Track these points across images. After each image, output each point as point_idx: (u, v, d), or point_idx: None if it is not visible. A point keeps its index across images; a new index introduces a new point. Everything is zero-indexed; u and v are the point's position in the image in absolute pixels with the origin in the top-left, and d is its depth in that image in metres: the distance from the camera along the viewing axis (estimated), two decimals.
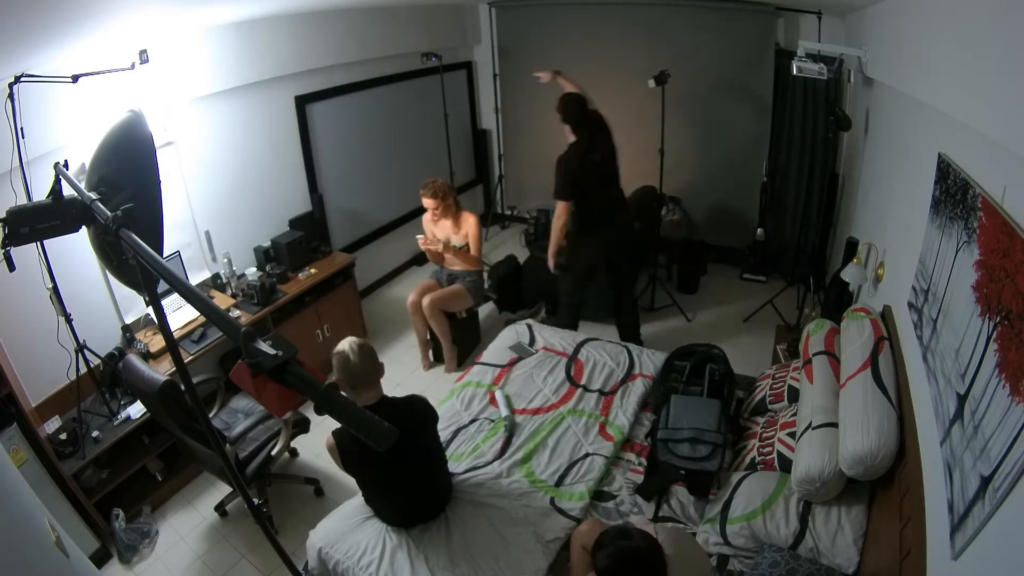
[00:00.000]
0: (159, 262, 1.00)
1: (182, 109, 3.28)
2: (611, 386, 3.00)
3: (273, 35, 3.63)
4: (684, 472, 2.35)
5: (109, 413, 2.78)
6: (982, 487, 1.17)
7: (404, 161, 4.99)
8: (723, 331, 4.17)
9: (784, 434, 2.34)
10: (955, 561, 1.24)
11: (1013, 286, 1.18)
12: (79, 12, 1.89)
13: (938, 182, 1.83)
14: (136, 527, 2.78)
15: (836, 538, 1.90)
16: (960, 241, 1.56)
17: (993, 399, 1.19)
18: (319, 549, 2.21)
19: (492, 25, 5.33)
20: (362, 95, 4.48)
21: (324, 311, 3.84)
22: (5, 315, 2.55)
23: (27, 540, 1.37)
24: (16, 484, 1.62)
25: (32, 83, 2.30)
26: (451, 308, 3.81)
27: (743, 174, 4.71)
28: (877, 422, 1.86)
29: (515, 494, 2.39)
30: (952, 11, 1.67)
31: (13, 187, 2.41)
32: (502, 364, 3.21)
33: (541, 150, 5.56)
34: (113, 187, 1.27)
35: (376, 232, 4.90)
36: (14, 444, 2.35)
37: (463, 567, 2.08)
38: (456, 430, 2.79)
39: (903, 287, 2.14)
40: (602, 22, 4.79)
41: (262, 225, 3.88)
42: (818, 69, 3.15)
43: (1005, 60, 1.25)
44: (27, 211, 1.23)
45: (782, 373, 2.77)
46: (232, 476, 1.21)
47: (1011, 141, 1.21)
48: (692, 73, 4.48)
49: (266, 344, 0.88)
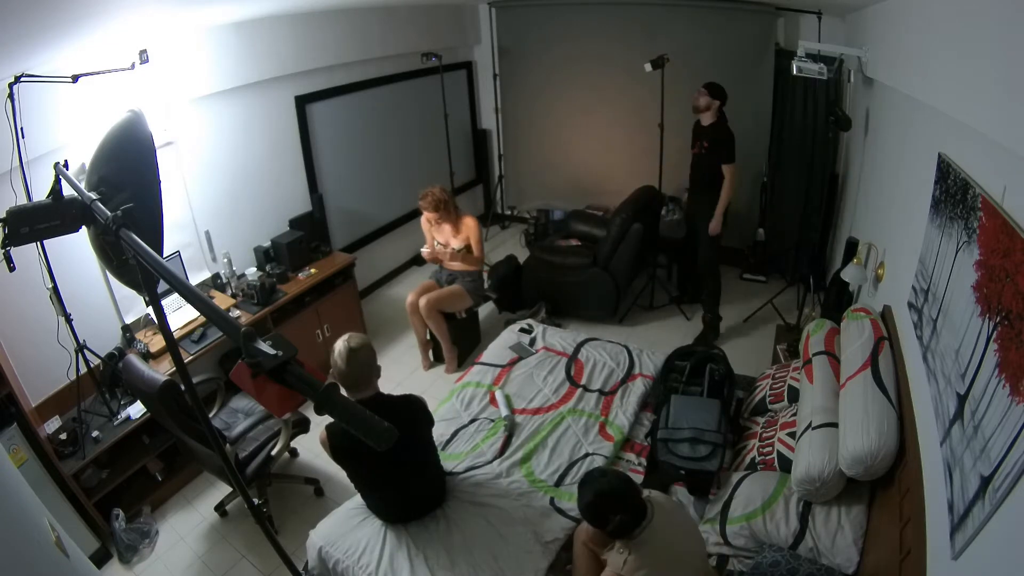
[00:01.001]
0: (159, 262, 1.00)
1: (182, 109, 3.28)
2: (611, 386, 3.00)
3: (273, 35, 3.63)
4: (684, 472, 2.36)
5: (109, 413, 2.78)
6: (982, 487, 1.17)
7: (404, 161, 4.99)
8: (723, 331, 4.17)
9: (784, 434, 2.34)
10: (955, 561, 1.24)
11: (1013, 286, 1.18)
12: (79, 12, 1.89)
13: (938, 182, 1.83)
14: (136, 527, 2.78)
15: (836, 538, 1.91)
16: (960, 241, 1.56)
17: (993, 399, 1.19)
18: (319, 548, 2.21)
19: (492, 25, 5.33)
20: (362, 95, 4.47)
21: (324, 311, 3.84)
22: (5, 315, 2.55)
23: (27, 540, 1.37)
24: (16, 484, 1.62)
25: (32, 83, 2.30)
26: (450, 309, 3.81)
27: (743, 174, 4.70)
28: (877, 422, 1.86)
29: (515, 494, 2.39)
30: (952, 11, 1.68)
31: (13, 187, 2.41)
32: (502, 364, 3.21)
33: (541, 150, 5.59)
34: (113, 187, 1.27)
35: (376, 232, 4.90)
36: (14, 444, 2.35)
37: (463, 567, 2.08)
38: (456, 430, 2.79)
39: (903, 287, 2.14)
40: (602, 22, 4.80)
41: (262, 225, 3.88)
42: (818, 69, 3.16)
43: (1005, 60, 1.25)
44: (27, 211, 1.23)
45: (782, 373, 2.77)
46: (232, 476, 1.21)
47: (1011, 141, 1.21)
48: (692, 73, 4.47)
49: (266, 344, 0.88)
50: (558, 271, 4.26)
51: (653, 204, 4.40)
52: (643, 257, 4.46)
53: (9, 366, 2.43)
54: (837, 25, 3.88)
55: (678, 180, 4.83)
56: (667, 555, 1.70)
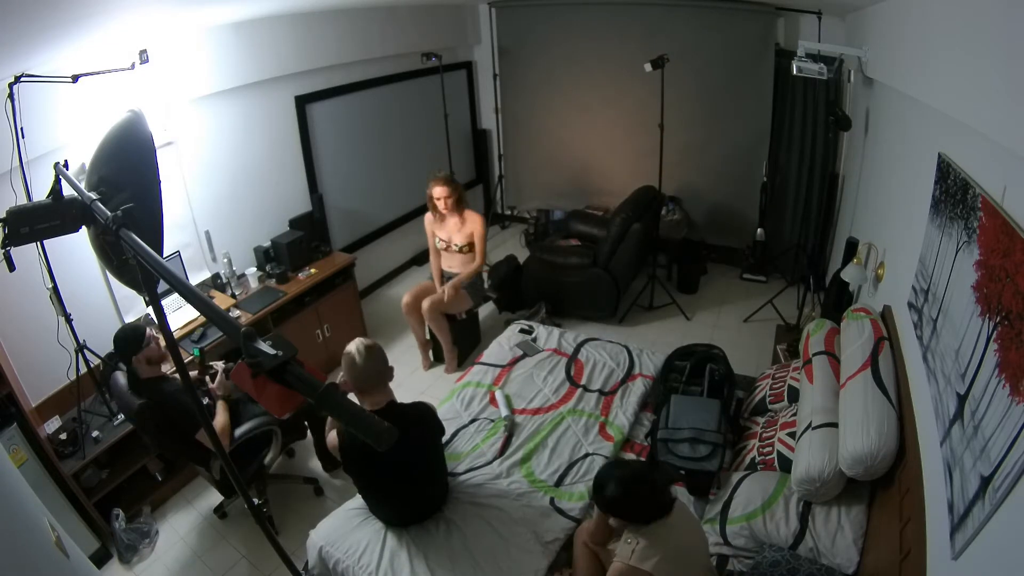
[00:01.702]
0: (159, 262, 1.01)
1: (182, 109, 3.28)
2: (611, 386, 3.00)
3: (273, 35, 3.63)
4: (684, 472, 2.36)
5: (109, 413, 2.78)
6: (982, 487, 1.17)
7: (404, 161, 4.99)
8: (723, 331, 4.17)
9: (784, 434, 2.34)
10: (955, 561, 1.24)
11: (1013, 286, 1.18)
12: (79, 12, 1.89)
13: (938, 182, 1.83)
14: (136, 527, 2.78)
15: (836, 538, 1.90)
16: (960, 241, 1.56)
17: (993, 399, 1.19)
18: (320, 548, 2.21)
19: (492, 25, 5.33)
20: (362, 95, 4.47)
21: (324, 311, 3.84)
22: (5, 315, 2.55)
23: (27, 540, 1.37)
24: (16, 484, 1.62)
25: (32, 83, 2.30)
26: (451, 310, 3.81)
27: (743, 174, 4.71)
28: (877, 422, 1.86)
29: (515, 494, 2.39)
30: (952, 11, 1.68)
31: (13, 187, 2.41)
32: (502, 364, 3.21)
33: (541, 150, 5.59)
34: (113, 187, 1.28)
35: (376, 232, 4.90)
36: (14, 444, 2.35)
37: (463, 567, 2.08)
38: (456, 430, 2.78)
39: (903, 287, 2.14)
40: (602, 22, 4.79)
41: (262, 225, 3.88)
42: (818, 69, 3.16)
43: (1005, 60, 1.25)
44: (27, 211, 1.23)
45: (782, 373, 2.77)
46: (233, 477, 1.21)
47: (1011, 141, 1.21)
48: (692, 73, 4.49)
49: (266, 344, 0.89)
50: (558, 271, 4.26)
51: (653, 204, 4.40)
52: (643, 257, 4.46)
53: (9, 366, 2.44)
54: (837, 25, 3.88)
55: (678, 180, 4.85)
56: (677, 545, 1.69)
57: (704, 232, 5.03)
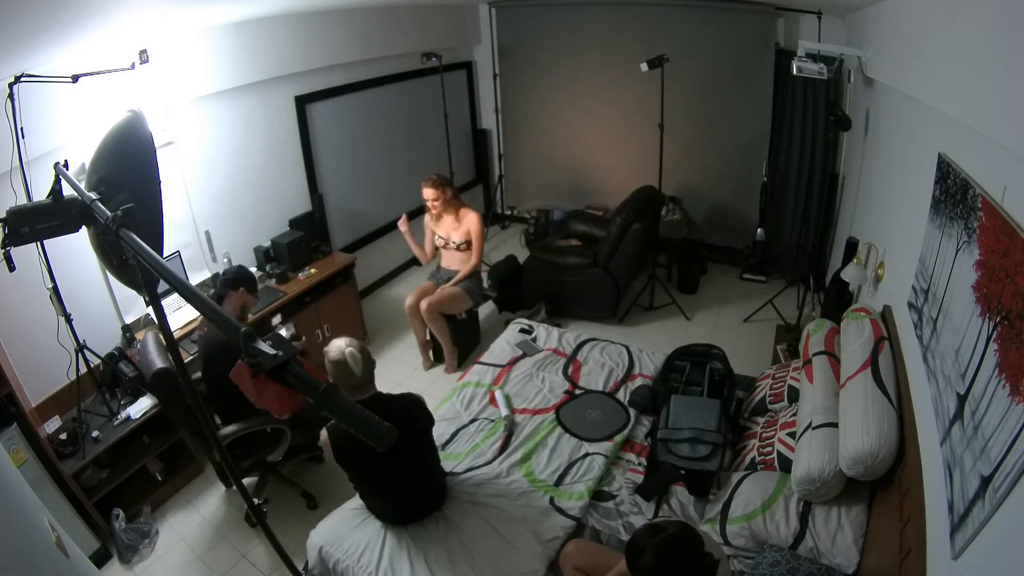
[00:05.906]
0: (159, 262, 1.00)
1: (182, 109, 3.28)
2: (611, 386, 3.00)
3: (273, 35, 3.63)
4: (684, 472, 2.36)
5: (109, 413, 2.78)
6: (982, 487, 1.17)
7: (404, 161, 4.99)
8: (723, 331, 4.17)
9: (784, 434, 2.34)
10: (955, 561, 1.24)
11: (1013, 286, 1.18)
12: (79, 12, 1.89)
13: (938, 182, 1.83)
14: (136, 527, 2.78)
15: (836, 538, 1.90)
16: (960, 241, 1.56)
17: (993, 399, 1.19)
18: (320, 548, 2.21)
19: (492, 25, 5.33)
20: (362, 95, 4.47)
21: (324, 311, 3.84)
22: (5, 315, 2.55)
23: (27, 540, 1.37)
24: (16, 484, 1.61)
25: (32, 83, 2.30)
26: (450, 310, 3.81)
27: (743, 174, 4.71)
28: (877, 422, 1.86)
29: (514, 493, 2.39)
30: (952, 11, 1.68)
31: (13, 187, 2.41)
32: (502, 364, 3.21)
33: (541, 150, 5.59)
34: (113, 187, 1.27)
35: (376, 232, 4.90)
36: (14, 444, 2.35)
37: (462, 566, 2.08)
38: (456, 430, 2.79)
39: (903, 287, 2.14)
40: (602, 22, 4.80)
41: (262, 225, 3.88)
42: (818, 69, 3.16)
43: (1005, 60, 1.25)
44: (27, 211, 1.23)
45: (782, 373, 2.77)
46: (232, 475, 1.21)
47: (1011, 141, 1.21)
48: (692, 73, 4.48)
49: (266, 344, 0.88)
50: (558, 271, 4.26)
51: (653, 204, 4.40)
52: (643, 257, 4.46)
53: (9, 366, 2.43)
54: (837, 25, 3.88)
55: (678, 180, 4.85)
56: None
57: (704, 232, 5.03)
